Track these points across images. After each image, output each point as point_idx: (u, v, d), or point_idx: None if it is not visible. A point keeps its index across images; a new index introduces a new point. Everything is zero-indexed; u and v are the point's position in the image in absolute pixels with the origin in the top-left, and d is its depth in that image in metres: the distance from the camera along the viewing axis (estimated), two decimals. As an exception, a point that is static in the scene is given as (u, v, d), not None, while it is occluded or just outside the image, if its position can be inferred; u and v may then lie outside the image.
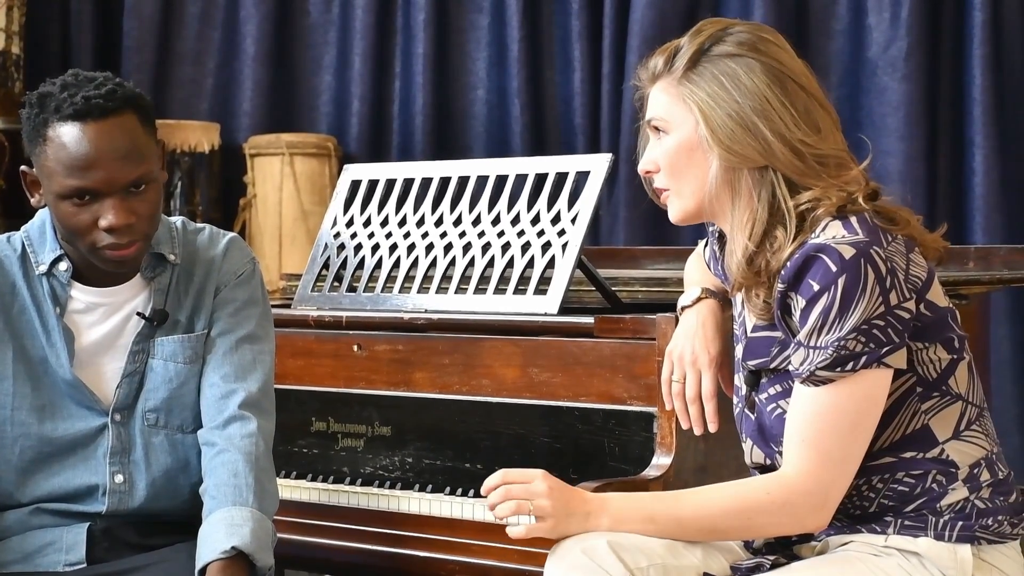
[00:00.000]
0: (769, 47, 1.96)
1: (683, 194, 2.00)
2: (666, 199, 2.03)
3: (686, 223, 2.03)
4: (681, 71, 1.97)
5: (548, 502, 1.94)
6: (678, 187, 2.00)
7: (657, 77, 2.00)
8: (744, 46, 1.95)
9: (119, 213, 2.15)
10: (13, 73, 4.87)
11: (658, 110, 2.00)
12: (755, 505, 1.93)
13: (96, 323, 2.28)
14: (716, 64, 1.95)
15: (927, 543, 1.93)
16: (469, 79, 4.83)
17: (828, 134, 1.96)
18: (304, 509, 2.67)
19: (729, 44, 1.96)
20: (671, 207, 2.02)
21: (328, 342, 2.75)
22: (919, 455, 1.94)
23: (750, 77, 1.94)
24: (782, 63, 1.96)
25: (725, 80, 1.94)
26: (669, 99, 1.98)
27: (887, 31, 4.26)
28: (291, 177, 4.80)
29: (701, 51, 1.96)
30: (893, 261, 1.89)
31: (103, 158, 2.14)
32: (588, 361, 2.46)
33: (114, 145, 2.15)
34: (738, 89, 1.93)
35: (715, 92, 1.94)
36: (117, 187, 2.16)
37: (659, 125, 2.00)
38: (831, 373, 1.88)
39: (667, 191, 2.02)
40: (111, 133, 2.15)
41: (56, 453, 2.28)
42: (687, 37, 1.99)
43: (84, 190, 2.15)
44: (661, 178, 2.01)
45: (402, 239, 2.78)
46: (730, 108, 1.93)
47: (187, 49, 5.13)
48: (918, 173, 4.22)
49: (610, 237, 4.55)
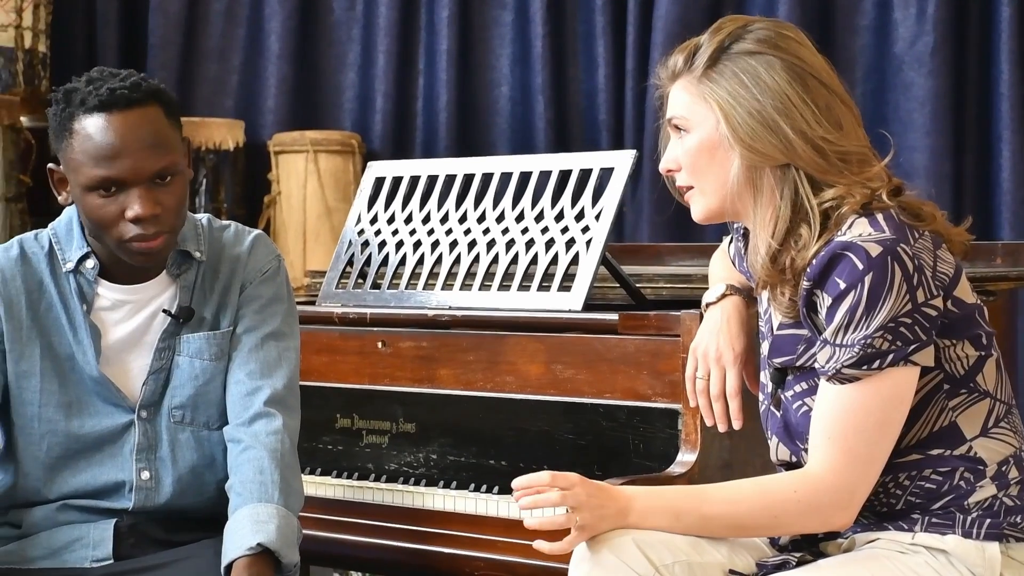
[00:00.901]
0: (790, 44, 1.95)
1: (705, 192, 1.99)
2: (689, 197, 2.03)
3: (710, 222, 2.03)
4: (701, 69, 1.96)
5: (585, 500, 1.93)
6: (700, 185, 1.99)
7: (677, 75, 1.99)
8: (764, 43, 1.94)
9: (145, 203, 2.16)
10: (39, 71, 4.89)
11: (678, 108, 1.99)
12: (780, 502, 1.92)
13: (122, 320, 2.29)
14: (736, 62, 1.94)
15: (955, 541, 1.92)
16: (493, 76, 4.83)
17: (850, 131, 1.95)
18: (329, 506, 2.67)
19: (749, 42, 1.95)
20: (694, 206, 2.02)
21: (352, 339, 2.75)
22: (947, 452, 1.93)
23: (771, 75, 1.93)
24: (803, 60, 1.95)
25: (746, 78, 1.93)
26: (689, 97, 1.97)
27: (913, 26, 4.24)
28: (315, 174, 4.81)
29: (721, 49, 1.96)
30: (920, 258, 1.88)
31: (129, 147, 2.15)
32: (612, 358, 2.46)
33: (139, 135, 2.16)
34: (759, 87, 1.93)
35: (736, 90, 1.93)
36: (143, 177, 2.16)
37: (679, 124, 1.99)
38: (857, 371, 1.87)
39: (689, 189, 2.01)
40: (136, 123, 2.16)
41: (83, 450, 2.29)
42: (707, 35, 1.98)
43: (110, 180, 2.16)
44: (683, 176, 2.01)
45: (426, 236, 2.78)
46: (751, 106, 1.93)
47: (212, 46, 5.15)
48: (945, 169, 4.20)
49: (634, 234, 4.54)
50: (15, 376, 2.27)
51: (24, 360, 2.27)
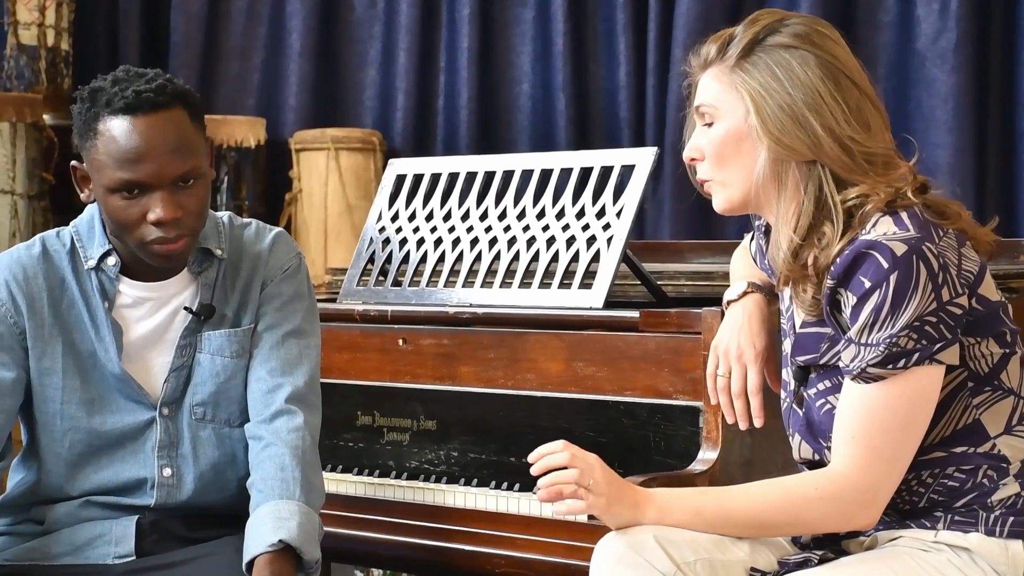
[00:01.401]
0: (825, 41, 1.95)
1: (728, 184, 1.99)
2: (708, 188, 2.02)
3: (732, 213, 2.02)
4: (734, 59, 1.95)
5: (603, 479, 1.93)
6: (723, 177, 1.99)
7: (709, 64, 1.99)
8: (800, 38, 1.94)
9: (167, 207, 2.17)
10: (62, 69, 4.92)
11: (708, 97, 1.98)
12: (803, 501, 1.92)
13: (144, 317, 2.30)
14: (771, 54, 1.94)
15: (978, 539, 1.91)
16: (514, 73, 4.83)
17: (878, 132, 1.94)
18: (349, 503, 2.67)
19: (785, 35, 1.94)
20: (716, 197, 2.01)
21: (373, 336, 2.75)
22: (970, 450, 1.92)
23: (804, 70, 1.92)
24: (837, 58, 1.94)
25: (779, 71, 1.92)
26: (720, 86, 1.97)
27: (936, 22, 4.22)
28: (336, 172, 4.82)
29: (756, 40, 1.95)
30: (945, 257, 1.87)
31: (152, 151, 2.16)
32: (633, 355, 2.46)
33: (164, 138, 2.16)
34: (791, 81, 1.92)
35: (768, 82, 1.93)
36: (166, 180, 2.17)
37: (708, 112, 1.98)
38: (882, 370, 1.87)
39: (709, 181, 2.01)
40: (161, 126, 2.17)
41: (105, 447, 2.30)
42: (742, 26, 1.98)
43: (133, 183, 2.17)
44: (704, 167, 2.00)
45: (447, 233, 2.78)
46: (782, 99, 1.92)
47: (233, 45, 5.16)
48: (967, 165, 4.18)
49: (655, 231, 4.54)
50: (37, 373, 2.28)
51: (46, 357, 2.28)
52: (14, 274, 2.28)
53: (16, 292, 2.27)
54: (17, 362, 2.27)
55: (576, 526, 2.37)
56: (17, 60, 4.81)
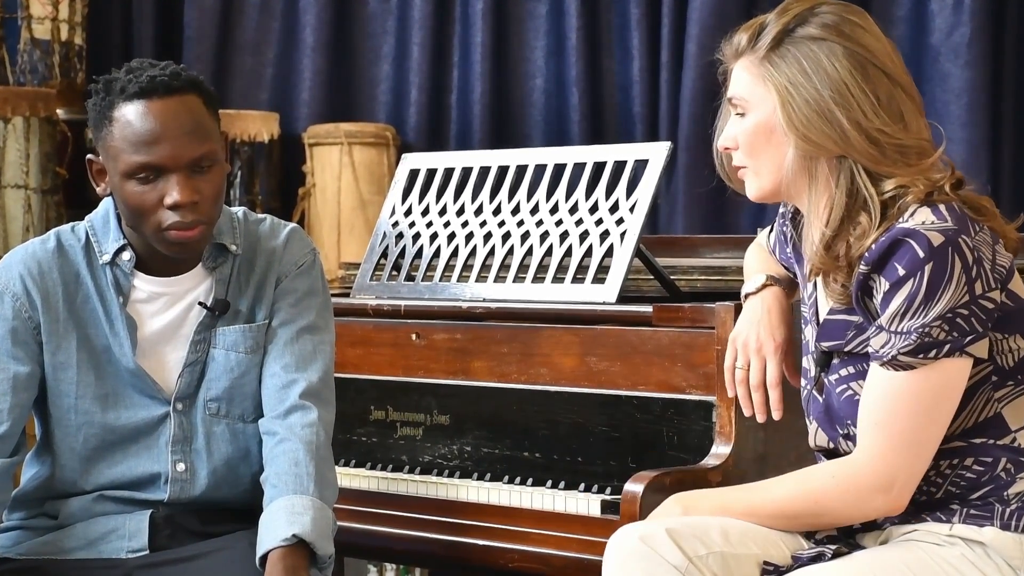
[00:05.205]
0: (855, 30, 1.94)
1: (760, 173, 2.00)
2: (743, 175, 2.03)
3: (764, 201, 2.03)
4: (764, 50, 1.95)
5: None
6: (756, 166, 2.00)
7: (740, 54, 1.99)
8: (829, 29, 1.93)
9: (184, 190, 2.17)
10: (76, 64, 4.92)
11: (739, 89, 1.99)
12: (820, 487, 1.93)
13: (158, 312, 2.30)
14: (799, 47, 1.94)
15: (992, 533, 1.91)
16: (527, 68, 4.83)
17: (911, 121, 1.94)
18: (363, 497, 2.68)
19: (814, 26, 1.94)
20: (749, 184, 2.02)
21: (387, 331, 2.75)
22: (990, 442, 1.93)
23: (832, 63, 1.92)
24: (867, 47, 1.93)
25: (807, 64, 1.92)
26: (751, 79, 1.97)
27: (950, 17, 4.21)
28: (350, 166, 4.82)
29: (786, 31, 1.95)
30: (980, 251, 1.88)
31: (168, 133, 2.16)
32: (647, 350, 2.45)
33: (179, 121, 2.17)
34: (819, 75, 1.92)
35: (795, 77, 1.93)
36: (182, 163, 2.17)
37: (740, 103, 1.99)
38: (913, 359, 1.87)
39: (744, 168, 2.01)
40: (175, 109, 2.18)
41: (119, 441, 2.30)
42: (773, 15, 1.98)
43: (150, 166, 2.17)
44: (739, 156, 2.01)
45: (460, 228, 2.78)
46: (809, 95, 1.92)
47: (247, 39, 5.16)
48: (981, 161, 4.17)
49: (669, 226, 4.53)
50: (52, 368, 2.29)
51: (61, 352, 2.29)
52: (29, 269, 2.28)
53: (31, 287, 2.28)
54: (32, 357, 2.27)
55: (590, 520, 2.37)
56: (31, 55, 4.82)
